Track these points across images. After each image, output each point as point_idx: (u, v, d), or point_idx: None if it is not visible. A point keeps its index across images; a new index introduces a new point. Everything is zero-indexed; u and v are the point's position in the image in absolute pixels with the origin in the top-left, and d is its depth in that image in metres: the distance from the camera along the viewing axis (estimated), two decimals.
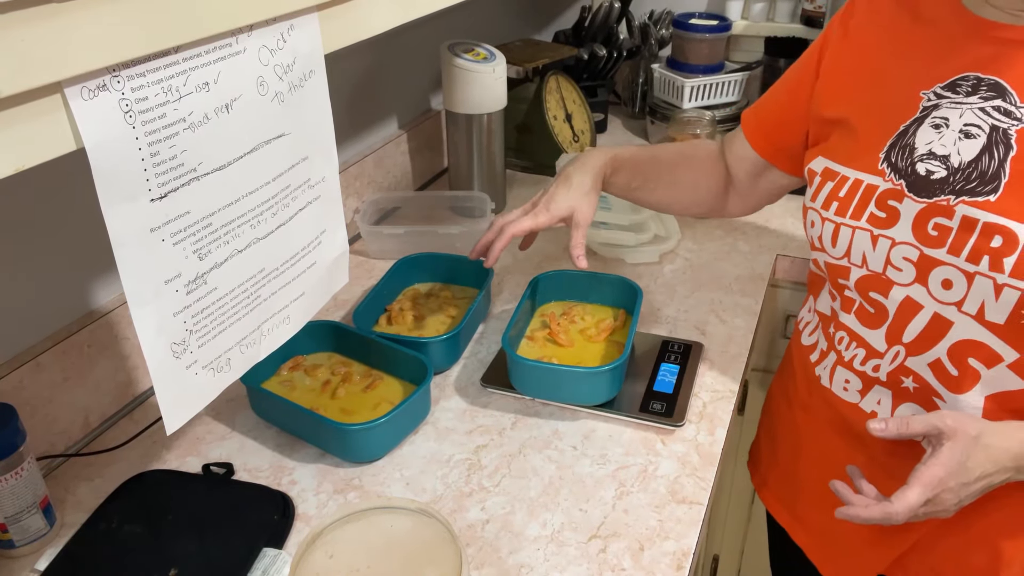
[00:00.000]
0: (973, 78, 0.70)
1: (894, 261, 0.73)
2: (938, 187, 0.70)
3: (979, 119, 0.68)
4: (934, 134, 0.71)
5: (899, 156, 0.73)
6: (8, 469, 0.73)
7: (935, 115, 0.71)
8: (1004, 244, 0.66)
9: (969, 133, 0.69)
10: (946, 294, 0.71)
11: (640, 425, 0.93)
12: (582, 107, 1.65)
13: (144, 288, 0.58)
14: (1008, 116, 0.67)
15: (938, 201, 0.70)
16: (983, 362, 0.71)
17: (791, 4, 1.81)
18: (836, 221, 0.77)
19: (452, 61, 1.31)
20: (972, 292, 0.69)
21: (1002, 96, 0.68)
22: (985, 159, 0.67)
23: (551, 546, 0.77)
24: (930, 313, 0.72)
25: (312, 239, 0.76)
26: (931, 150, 0.71)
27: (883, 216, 0.73)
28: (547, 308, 1.11)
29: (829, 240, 0.78)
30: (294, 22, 0.64)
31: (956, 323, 0.71)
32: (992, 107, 0.68)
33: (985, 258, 0.67)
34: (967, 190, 0.68)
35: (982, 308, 0.69)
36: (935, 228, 0.70)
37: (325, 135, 0.74)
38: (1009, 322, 0.68)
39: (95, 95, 0.48)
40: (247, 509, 0.80)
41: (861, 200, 0.75)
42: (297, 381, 0.97)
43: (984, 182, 0.67)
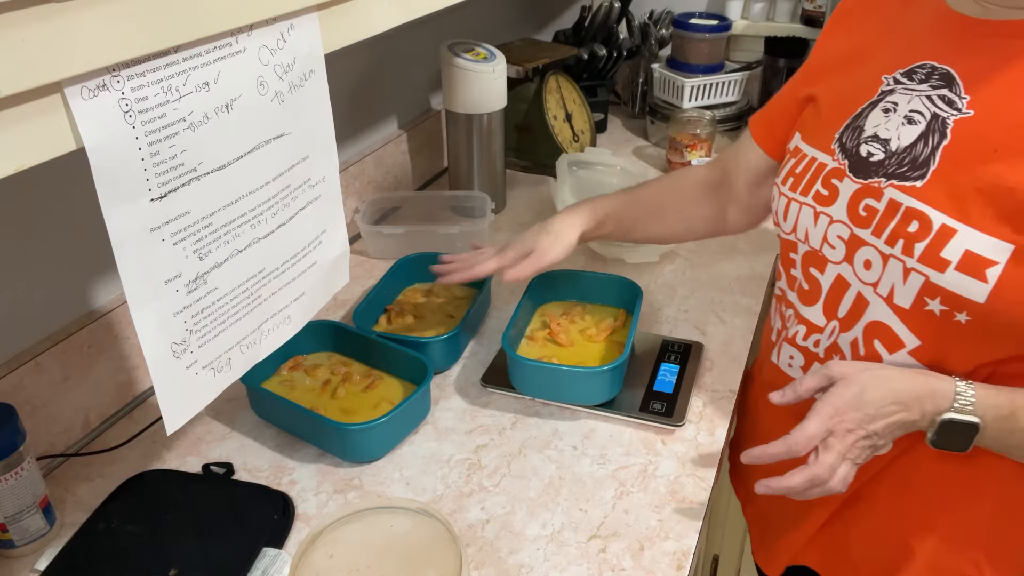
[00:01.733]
0: (929, 66, 0.71)
1: (830, 239, 0.75)
2: (874, 169, 0.71)
3: (923, 106, 0.69)
4: (882, 118, 0.72)
5: (848, 137, 0.74)
6: (8, 469, 0.73)
7: (888, 99, 0.72)
8: (919, 229, 0.67)
9: (912, 119, 0.70)
10: (866, 274, 0.72)
11: (640, 425, 0.93)
12: (582, 107, 1.65)
13: (144, 288, 0.58)
14: (950, 105, 0.68)
15: (871, 183, 0.71)
16: (886, 346, 0.72)
17: (791, 4, 1.81)
18: (789, 196, 0.79)
19: (452, 61, 1.31)
20: (886, 274, 0.70)
21: (949, 86, 0.68)
22: (920, 145, 0.68)
23: (551, 546, 0.77)
24: (855, 292, 0.74)
25: (312, 239, 0.76)
26: (876, 133, 0.72)
27: (826, 194, 0.75)
28: (547, 308, 1.11)
29: (782, 214, 0.80)
30: (294, 22, 0.64)
31: (871, 304, 0.72)
32: (938, 96, 0.69)
33: (900, 241, 0.68)
34: (898, 174, 0.69)
35: (892, 291, 0.70)
36: (865, 209, 0.71)
37: (325, 135, 0.74)
38: (913, 308, 0.69)
39: (95, 95, 0.48)
40: (247, 509, 0.80)
41: (811, 177, 0.77)
42: (297, 381, 0.97)
43: (915, 167, 0.68)
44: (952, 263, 0.64)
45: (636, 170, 1.46)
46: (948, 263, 0.65)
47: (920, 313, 0.68)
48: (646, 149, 1.75)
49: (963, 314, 0.66)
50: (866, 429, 0.69)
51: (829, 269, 0.76)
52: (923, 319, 0.69)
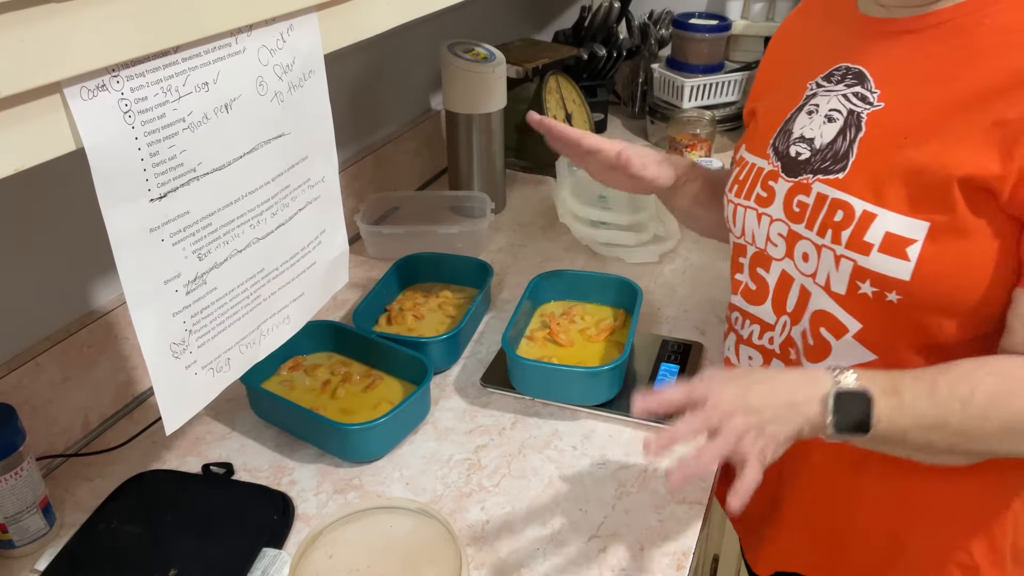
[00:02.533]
0: (844, 67, 0.75)
1: (772, 237, 0.79)
2: (802, 167, 0.75)
3: (840, 104, 0.74)
4: (807, 119, 0.76)
5: (780, 140, 0.79)
6: (8, 469, 0.73)
7: (811, 102, 0.77)
8: (844, 218, 0.70)
9: (831, 117, 0.74)
10: (805, 266, 0.76)
11: (640, 425, 0.93)
12: (582, 107, 1.65)
13: (144, 288, 0.58)
14: (863, 101, 0.72)
15: (801, 180, 0.75)
16: (832, 333, 0.75)
17: (791, 4, 1.80)
18: (735, 202, 0.83)
19: (452, 61, 1.31)
20: (821, 264, 0.73)
21: (861, 83, 0.73)
22: (839, 140, 0.72)
23: (551, 546, 0.77)
24: (798, 286, 0.77)
25: (312, 239, 0.76)
26: (802, 134, 0.76)
27: (765, 195, 0.79)
28: (547, 308, 1.11)
29: (731, 220, 0.84)
30: (294, 22, 0.64)
31: (813, 294, 0.76)
32: (852, 93, 0.73)
33: (829, 231, 0.71)
34: (822, 169, 0.73)
35: (828, 279, 0.73)
36: (798, 205, 0.75)
37: (325, 135, 0.74)
38: (848, 292, 0.72)
39: (94, 95, 0.48)
40: (247, 509, 0.80)
41: (752, 182, 0.81)
42: (297, 381, 0.97)
43: (836, 161, 0.72)
44: (875, 246, 0.68)
45: None
46: (871, 246, 0.68)
47: (855, 297, 0.71)
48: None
49: (893, 293, 0.69)
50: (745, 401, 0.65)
51: (773, 266, 0.80)
52: (859, 302, 0.72)
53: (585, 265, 1.26)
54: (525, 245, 1.34)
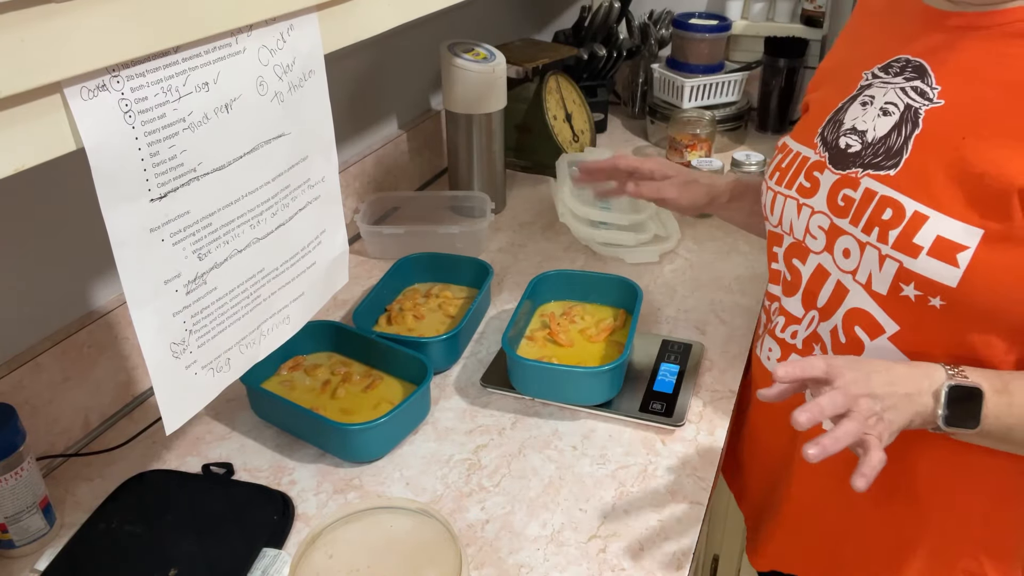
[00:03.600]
0: (903, 60, 0.73)
1: (811, 229, 0.77)
2: (851, 160, 0.73)
3: (897, 98, 0.71)
4: (860, 111, 0.74)
5: (829, 130, 0.77)
6: (8, 469, 0.73)
7: (866, 93, 0.75)
8: (893, 217, 0.68)
9: (887, 111, 0.72)
10: (845, 262, 0.74)
11: (640, 425, 0.93)
12: (582, 107, 1.65)
13: (144, 288, 0.58)
14: (922, 96, 0.70)
15: (849, 173, 0.73)
16: (867, 332, 0.73)
17: (791, 4, 1.81)
18: (775, 190, 0.81)
19: (452, 61, 1.31)
20: (863, 262, 0.71)
21: (922, 77, 0.70)
22: (894, 135, 0.70)
23: (551, 546, 0.77)
24: (834, 281, 0.75)
25: (312, 239, 0.76)
26: (854, 125, 0.74)
27: (808, 186, 0.77)
28: (547, 308, 1.11)
29: (769, 208, 0.82)
30: (294, 22, 0.64)
31: (851, 291, 0.74)
32: (911, 87, 0.71)
33: (876, 229, 0.70)
34: (873, 164, 0.71)
35: (870, 278, 0.71)
36: (843, 199, 0.73)
37: (325, 135, 0.74)
38: (890, 293, 0.70)
39: (95, 95, 0.48)
40: (247, 509, 0.80)
41: (795, 171, 0.79)
42: (297, 381, 0.97)
43: (889, 157, 0.70)
44: (924, 248, 0.66)
45: None
46: (920, 249, 0.66)
47: (897, 299, 0.70)
48: (646, 149, 1.75)
49: (937, 299, 0.67)
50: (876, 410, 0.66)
51: (810, 259, 0.78)
52: (900, 304, 0.70)
53: (585, 265, 1.27)
54: (525, 245, 1.34)
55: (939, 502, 0.78)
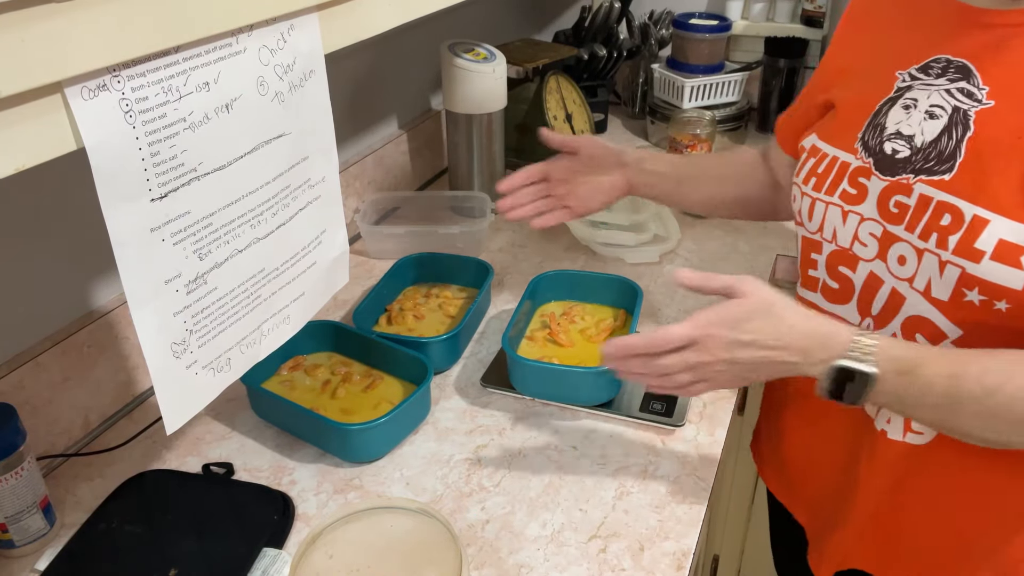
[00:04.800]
0: (944, 60, 0.71)
1: (861, 237, 0.75)
2: (901, 166, 0.71)
3: (943, 100, 0.70)
4: (903, 114, 0.72)
5: (871, 135, 0.75)
6: (8, 469, 0.73)
7: (907, 96, 0.73)
8: (952, 222, 0.67)
9: (933, 114, 0.70)
10: (901, 270, 0.72)
11: (640, 425, 0.93)
12: (582, 107, 1.65)
13: (144, 288, 0.58)
14: (970, 97, 0.68)
15: (900, 179, 0.71)
16: (929, 339, 0.72)
17: (791, 4, 1.81)
18: (813, 196, 0.79)
19: (452, 61, 1.31)
20: (921, 269, 0.70)
21: (967, 78, 0.69)
22: (944, 139, 0.69)
23: (551, 546, 0.77)
24: (889, 288, 0.74)
25: (312, 239, 0.76)
26: (899, 130, 0.72)
27: (854, 193, 0.75)
28: (547, 308, 1.11)
29: (807, 214, 0.80)
30: (294, 22, 0.64)
31: (908, 299, 0.72)
32: (956, 88, 0.69)
33: (934, 235, 0.68)
34: (926, 169, 0.70)
35: (929, 285, 0.70)
36: (896, 205, 0.71)
37: (325, 135, 0.74)
38: (952, 299, 0.69)
39: (95, 95, 0.48)
40: (247, 509, 0.80)
41: (836, 177, 0.77)
42: (297, 381, 0.97)
43: (941, 161, 0.69)
44: (987, 253, 0.65)
45: None
46: (983, 253, 0.65)
47: (960, 304, 0.68)
48: (646, 149, 1.75)
49: (1003, 302, 0.65)
50: (731, 354, 0.69)
51: (860, 267, 0.76)
52: (963, 309, 0.68)
53: (585, 265, 1.27)
54: (525, 245, 1.34)
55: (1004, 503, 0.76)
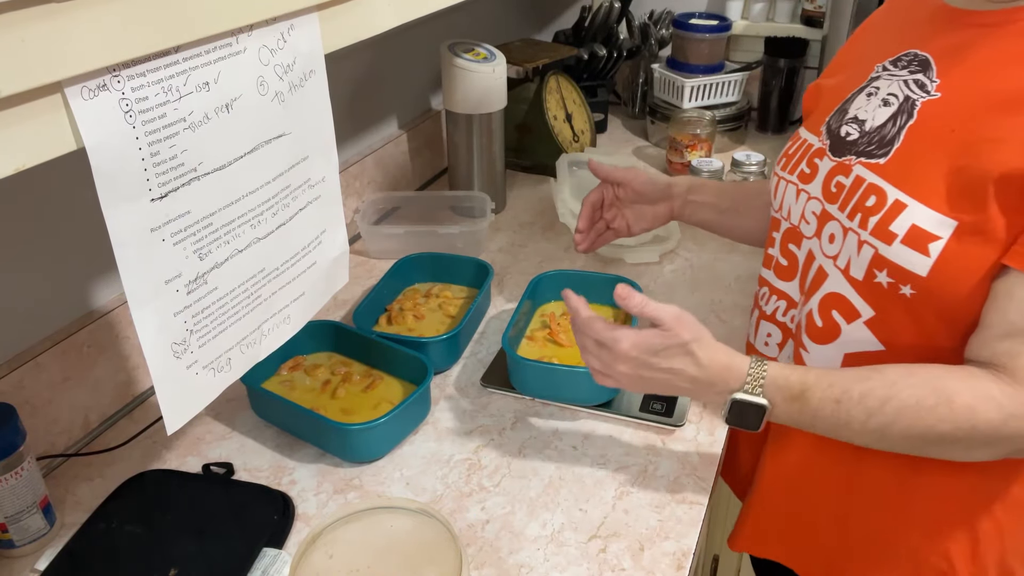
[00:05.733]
0: (912, 54, 0.74)
1: (806, 215, 0.79)
2: (848, 148, 0.75)
3: (899, 89, 0.73)
4: (865, 101, 0.76)
5: (835, 119, 0.78)
6: (8, 469, 0.73)
7: (872, 84, 0.76)
8: (875, 204, 0.70)
9: (888, 101, 0.73)
10: (830, 247, 0.75)
11: (640, 425, 0.93)
12: (582, 107, 1.65)
13: (144, 288, 0.58)
14: (921, 88, 0.71)
15: (844, 160, 0.75)
16: (844, 316, 0.75)
17: (791, 4, 1.81)
18: (779, 175, 0.83)
19: (452, 61, 1.31)
20: (844, 247, 0.73)
21: (924, 71, 0.72)
22: (889, 125, 0.72)
23: (551, 546, 0.77)
24: (818, 266, 0.77)
25: (312, 239, 0.76)
26: (856, 115, 0.76)
27: (808, 172, 0.79)
28: (547, 308, 1.11)
29: (773, 193, 0.84)
30: (294, 22, 0.64)
31: (830, 276, 0.75)
32: (913, 80, 0.72)
33: (858, 215, 0.71)
34: (866, 152, 0.73)
35: (848, 263, 0.73)
36: (835, 185, 0.75)
37: (325, 135, 0.74)
38: (865, 279, 0.72)
39: (95, 95, 0.48)
40: (247, 509, 0.80)
41: (799, 157, 0.81)
42: (297, 381, 0.97)
43: (881, 146, 0.72)
44: (899, 236, 0.67)
45: None
46: (895, 236, 0.68)
47: (871, 285, 0.71)
48: (646, 149, 1.75)
49: (907, 287, 0.68)
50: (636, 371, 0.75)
51: (804, 244, 0.80)
52: (874, 290, 0.72)
53: (585, 265, 1.27)
54: (525, 245, 1.34)
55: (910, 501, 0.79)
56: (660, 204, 1.03)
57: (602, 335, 0.75)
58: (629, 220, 1.04)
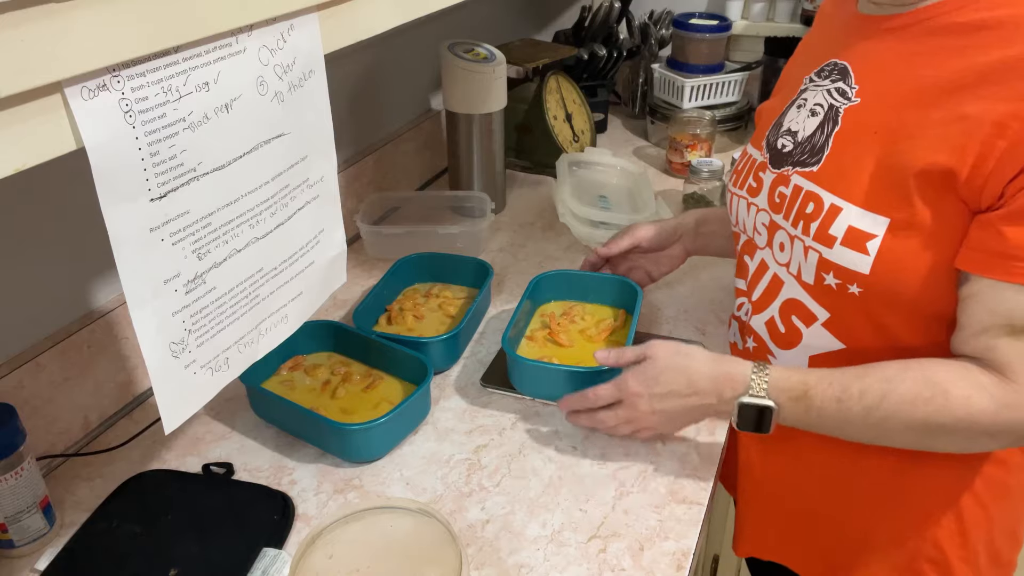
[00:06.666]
0: (832, 63, 0.77)
1: (757, 227, 0.82)
2: (785, 159, 0.78)
3: (823, 99, 0.76)
4: (795, 113, 0.79)
5: (772, 133, 0.81)
6: (8, 469, 0.73)
7: (801, 97, 0.79)
8: (814, 210, 0.72)
9: (814, 111, 0.76)
10: (780, 255, 0.78)
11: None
12: (582, 107, 1.65)
13: (143, 288, 0.58)
14: (843, 96, 0.74)
15: (783, 171, 0.77)
16: (803, 321, 0.77)
17: (791, 4, 1.81)
18: (732, 191, 0.86)
19: (452, 61, 1.31)
20: (793, 254, 0.76)
21: (844, 79, 0.74)
22: (818, 134, 0.75)
23: (551, 546, 0.77)
24: (771, 274, 0.80)
25: (310, 239, 0.76)
26: (789, 127, 0.79)
27: (755, 186, 0.82)
28: (547, 308, 1.11)
29: (730, 208, 0.87)
30: (294, 22, 0.64)
31: (785, 283, 0.78)
32: (835, 88, 0.75)
33: (801, 223, 0.74)
34: (801, 161, 0.75)
35: (799, 269, 0.76)
36: (778, 196, 0.78)
37: (324, 135, 0.74)
38: (816, 283, 0.74)
39: (95, 95, 0.48)
40: (247, 509, 0.80)
41: (746, 172, 0.84)
42: (297, 381, 0.97)
43: (813, 154, 0.74)
44: (838, 239, 0.70)
45: (636, 170, 1.46)
46: (835, 239, 0.70)
47: (822, 287, 0.74)
48: (646, 149, 1.75)
49: (854, 285, 0.71)
50: (653, 406, 0.80)
51: (756, 254, 0.83)
52: (825, 292, 0.74)
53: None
54: (525, 245, 1.34)
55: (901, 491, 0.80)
56: (673, 247, 1.05)
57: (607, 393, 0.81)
58: (648, 269, 1.07)
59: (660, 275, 1.08)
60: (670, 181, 1.59)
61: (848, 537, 0.84)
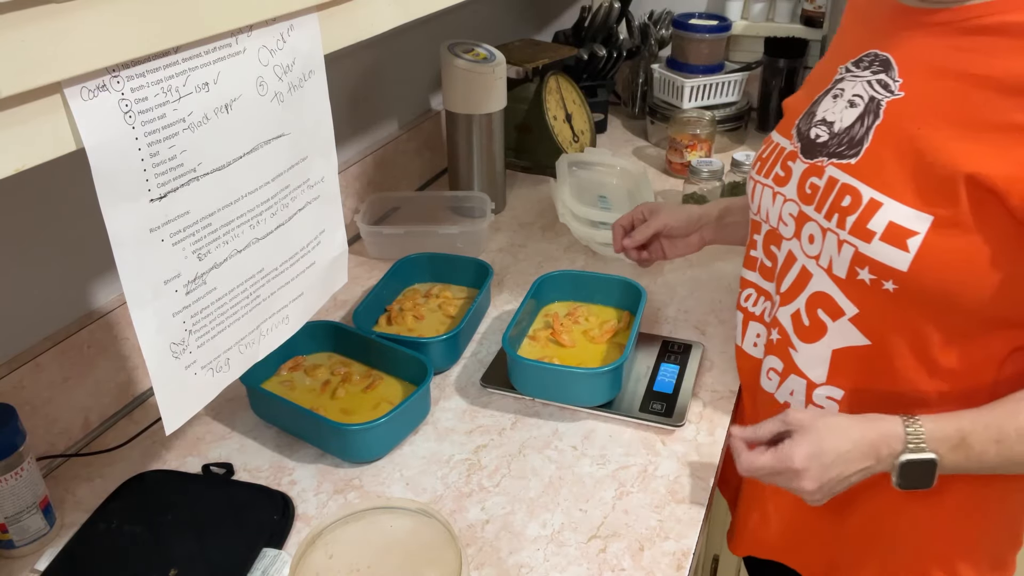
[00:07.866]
0: (873, 54, 0.75)
1: (783, 217, 0.80)
2: (819, 149, 0.76)
3: (864, 90, 0.74)
4: (831, 103, 0.77)
5: (804, 122, 0.80)
6: (8, 469, 0.73)
7: (837, 87, 0.77)
8: (851, 204, 0.71)
9: (853, 102, 0.74)
10: (810, 248, 0.77)
11: (640, 425, 0.93)
12: (582, 107, 1.65)
13: (143, 288, 0.58)
14: (885, 88, 0.72)
15: (816, 162, 0.76)
16: (829, 315, 0.76)
17: (791, 4, 1.81)
18: (755, 179, 0.85)
19: (452, 61, 1.31)
20: (825, 247, 0.74)
21: (886, 71, 0.73)
22: (857, 126, 0.73)
23: (551, 546, 0.77)
24: (800, 266, 0.79)
25: (311, 239, 0.76)
26: (824, 117, 0.77)
27: (782, 175, 0.80)
28: (551, 308, 1.11)
29: (751, 196, 0.86)
30: (294, 22, 0.64)
31: (814, 276, 0.77)
32: (876, 80, 0.73)
33: (835, 215, 0.72)
34: (837, 153, 0.74)
35: (831, 263, 0.74)
36: (810, 187, 0.76)
37: (324, 135, 0.74)
38: (848, 277, 0.73)
39: (95, 95, 0.48)
40: (247, 509, 0.80)
41: (773, 161, 0.82)
42: (297, 381, 0.97)
43: (852, 146, 0.73)
44: (877, 234, 0.69)
45: (636, 170, 1.46)
46: (874, 234, 0.69)
47: (854, 282, 0.73)
48: (646, 149, 1.75)
49: (889, 282, 0.70)
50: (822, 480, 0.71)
51: (783, 246, 0.81)
52: (857, 288, 0.73)
53: (585, 265, 1.27)
54: (525, 245, 1.34)
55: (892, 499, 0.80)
56: (692, 235, 1.05)
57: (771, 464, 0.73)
58: (665, 248, 1.07)
59: (674, 256, 1.07)
60: (670, 181, 1.59)
61: (848, 536, 0.84)
